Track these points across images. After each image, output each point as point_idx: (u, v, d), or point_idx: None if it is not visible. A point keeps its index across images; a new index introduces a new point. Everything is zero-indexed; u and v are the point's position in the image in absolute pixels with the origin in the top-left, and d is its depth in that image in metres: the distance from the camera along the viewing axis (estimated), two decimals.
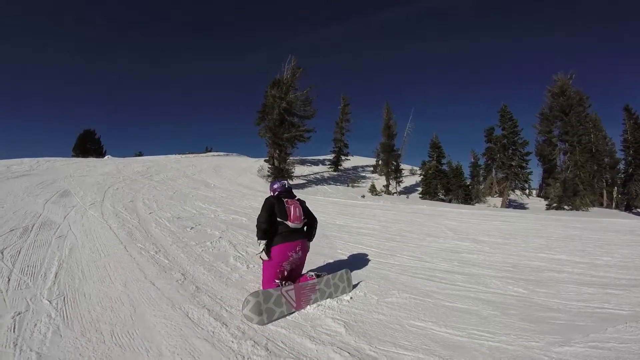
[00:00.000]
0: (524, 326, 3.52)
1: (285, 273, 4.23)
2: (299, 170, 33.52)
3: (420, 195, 32.37)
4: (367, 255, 6.41)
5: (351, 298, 4.19)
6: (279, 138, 27.63)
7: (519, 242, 7.88)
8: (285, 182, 4.72)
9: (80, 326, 3.34)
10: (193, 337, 3.20)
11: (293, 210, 4.27)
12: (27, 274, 4.58)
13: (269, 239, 4.13)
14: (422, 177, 34.61)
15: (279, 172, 27.08)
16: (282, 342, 3.16)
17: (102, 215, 8.63)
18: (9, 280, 4.33)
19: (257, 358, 2.88)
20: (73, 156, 38.08)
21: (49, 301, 3.83)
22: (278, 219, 4.20)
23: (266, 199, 4.39)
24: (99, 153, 44.90)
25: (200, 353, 2.94)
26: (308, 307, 3.87)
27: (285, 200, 4.34)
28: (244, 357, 2.89)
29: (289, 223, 4.21)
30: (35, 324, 3.32)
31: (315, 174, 36.86)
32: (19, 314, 3.50)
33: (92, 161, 26.30)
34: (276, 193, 4.49)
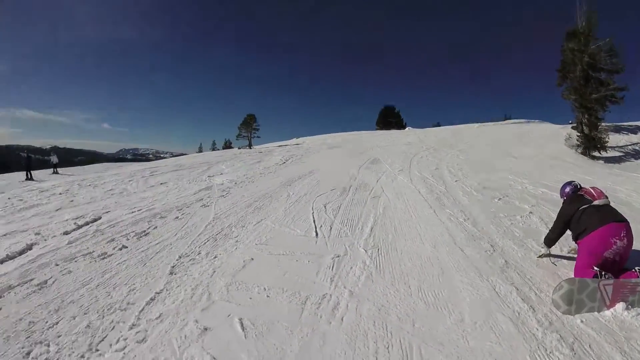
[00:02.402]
0: None
1: (606, 267, 3.43)
2: (613, 139, 26.93)
3: None
4: None
5: None
6: (586, 99, 22.99)
7: None
8: (577, 182, 4.31)
9: (390, 276, 3.67)
10: (497, 312, 3.03)
11: (592, 190, 3.93)
12: (346, 225, 5.43)
13: (582, 231, 3.67)
14: None
15: (589, 141, 22.66)
16: (589, 345, 2.62)
17: (411, 180, 9.34)
18: (330, 228, 5.27)
19: (560, 356, 2.49)
20: (377, 129, 42.64)
21: (365, 250, 4.39)
22: (581, 208, 3.79)
23: (563, 204, 4.14)
24: (400, 125, 48.63)
25: (502, 331, 2.76)
26: (625, 312, 3.02)
27: (580, 192, 4.03)
28: (546, 349, 2.57)
29: (597, 202, 3.75)
30: (351, 267, 3.87)
31: (634, 144, 29.10)
32: (338, 256, 4.18)
33: (394, 133, 28.80)
34: (569, 197, 4.16)
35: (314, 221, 5.58)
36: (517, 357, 2.48)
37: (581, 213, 3.76)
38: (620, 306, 3.12)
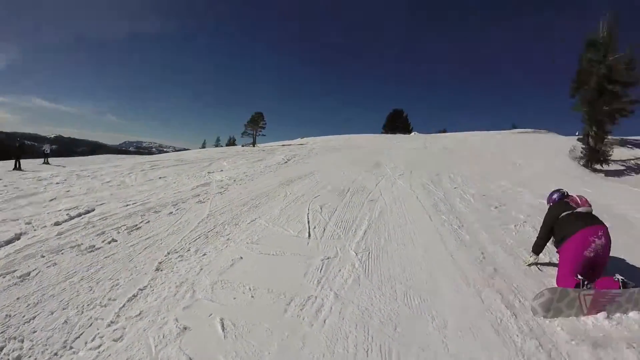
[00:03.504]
0: None
1: (588, 268, 3.63)
2: (617, 153, 26.87)
3: None
4: None
5: None
6: (598, 112, 22.83)
7: None
8: (564, 190, 4.57)
9: (378, 280, 3.68)
10: (480, 318, 3.08)
11: (577, 198, 4.18)
12: (340, 227, 5.45)
13: (563, 236, 3.89)
14: None
15: (593, 154, 22.56)
16: (567, 353, 2.69)
17: (410, 186, 9.32)
18: (324, 230, 5.29)
19: None
20: (382, 133, 42.68)
21: (356, 253, 4.40)
22: (563, 214, 4.03)
23: (548, 209, 4.37)
24: (406, 130, 48.70)
25: (483, 337, 2.83)
26: (605, 321, 3.11)
27: (566, 199, 4.27)
28: (524, 356, 2.63)
29: (580, 209, 3.99)
30: (340, 270, 3.88)
31: (637, 159, 28.98)
32: (328, 258, 4.19)
33: (399, 137, 28.85)
34: (555, 203, 4.41)
35: (309, 222, 5.58)
36: None
37: (564, 219, 4.00)
38: (601, 315, 3.22)
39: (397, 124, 51.41)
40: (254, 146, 29.12)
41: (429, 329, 2.85)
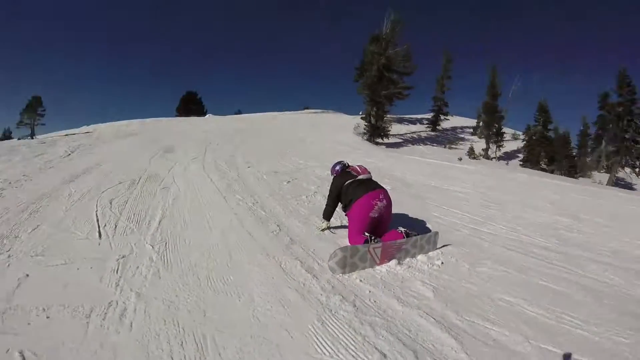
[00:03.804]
0: (616, 319, 3.04)
1: (374, 226, 4.27)
2: (395, 128, 32.64)
3: (521, 163, 30.39)
4: (461, 220, 6.06)
5: (442, 263, 3.97)
6: (377, 95, 27.03)
7: (622, 226, 6.83)
8: (345, 161, 5.06)
9: (179, 270, 3.59)
10: (284, 286, 3.30)
11: (357, 167, 4.77)
12: (132, 221, 5.06)
13: (349, 201, 4.40)
14: (525, 142, 32.69)
15: (375, 130, 26.72)
16: (369, 299, 3.14)
17: (204, 168, 9.25)
18: (115, 226, 4.82)
19: (344, 313, 2.88)
20: (176, 116, 41.15)
21: (152, 246, 4.18)
22: (347, 183, 4.53)
23: (333, 180, 4.80)
24: (201, 112, 47.89)
25: (290, 302, 3.02)
26: (398, 267, 3.80)
27: (347, 169, 4.79)
28: (331, 310, 2.92)
29: (360, 177, 4.56)
30: (137, 267, 3.63)
31: (412, 133, 35.76)
32: (123, 257, 3.86)
33: (194, 120, 28.24)
34: (338, 173, 4.85)
35: (98, 220, 5.01)
36: (306, 323, 2.72)
37: (348, 186, 4.46)
38: (393, 262, 3.82)
39: (190, 106, 50.06)
40: (32, 138, 24.84)
41: (237, 307, 2.94)
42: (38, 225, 4.86)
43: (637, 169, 31.03)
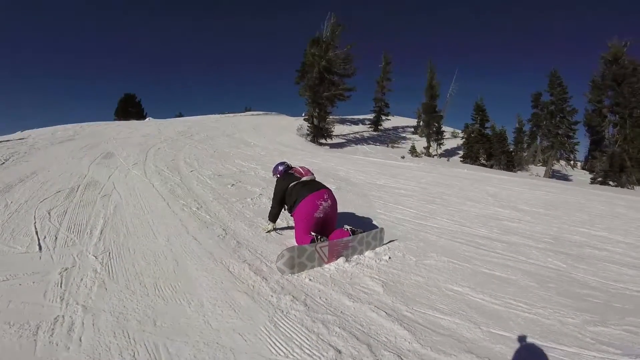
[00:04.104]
0: (561, 301, 3.46)
1: (320, 226, 4.41)
2: (338, 129, 33.71)
3: (462, 159, 32.08)
4: (406, 216, 6.43)
5: (389, 258, 4.25)
6: (319, 97, 27.65)
7: (560, 214, 7.54)
8: (288, 163, 5.20)
9: (124, 280, 3.58)
10: (233, 290, 3.38)
11: (300, 169, 4.87)
12: (73, 232, 4.92)
13: (293, 203, 4.49)
14: (464, 140, 34.47)
15: (318, 131, 27.37)
16: (320, 298, 3.30)
17: (145, 174, 9.05)
18: (56, 238, 4.67)
19: (296, 313, 3.01)
20: (115, 120, 39.55)
21: (95, 256, 4.11)
22: (291, 185, 4.62)
23: (277, 182, 4.89)
24: (140, 115, 46.30)
25: (240, 306, 3.10)
26: (346, 264, 3.99)
27: (290, 171, 4.91)
28: (282, 311, 3.04)
29: (304, 178, 4.69)
30: (82, 279, 3.57)
31: (355, 133, 37.11)
32: (66, 269, 3.77)
33: (133, 123, 27.25)
34: (282, 175, 4.95)
35: (37, 232, 4.83)
36: (258, 325, 2.81)
37: (292, 188, 4.56)
38: (341, 260, 4.00)
39: (129, 109, 48.34)
40: None
41: (188, 313, 2.97)
42: None
43: (571, 162, 33.49)
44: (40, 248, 4.35)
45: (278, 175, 4.99)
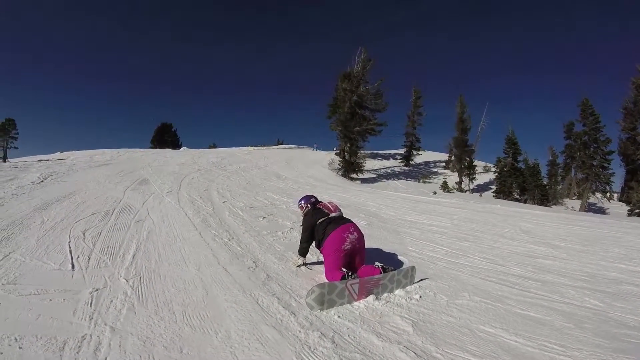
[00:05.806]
0: (598, 342, 3.19)
1: (349, 259, 4.35)
2: (369, 164, 33.81)
3: (494, 194, 31.47)
4: (437, 253, 6.21)
5: (420, 297, 4.06)
6: (350, 131, 28.00)
7: (597, 249, 7.16)
8: (315, 197, 5.22)
9: (154, 305, 3.54)
10: (262, 323, 3.28)
11: (329, 204, 4.81)
12: (106, 254, 4.98)
13: (321, 238, 4.47)
14: (496, 174, 33.80)
15: (349, 166, 27.43)
16: (348, 335, 3.15)
17: (179, 202, 9.18)
18: (89, 259, 4.74)
19: (323, 350, 2.88)
20: (151, 147, 40.80)
21: (126, 280, 4.11)
22: (320, 221, 4.58)
23: (304, 217, 4.87)
24: (175, 144, 47.80)
25: (268, 340, 3.00)
26: (376, 302, 3.85)
27: (318, 205, 4.87)
28: (310, 347, 2.91)
29: (332, 215, 4.63)
30: (112, 300, 3.57)
31: (386, 168, 37.18)
32: (97, 290, 3.79)
33: (169, 152, 28.04)
34: (310, 209, 4.92)
35: (71, 251, 4.93)
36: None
37: (320, 224, 4.52)
38: (371, 298, 3.86)
39: (165, 138, 49.99)
40: (4, 161, 24.00)
41: (215, 343, 2.90)
42: (9, 252, 4.79)
43: (607, 194, 32.26)
44: (73, 267, 4.42)
45: (306, 208, 4.99)
